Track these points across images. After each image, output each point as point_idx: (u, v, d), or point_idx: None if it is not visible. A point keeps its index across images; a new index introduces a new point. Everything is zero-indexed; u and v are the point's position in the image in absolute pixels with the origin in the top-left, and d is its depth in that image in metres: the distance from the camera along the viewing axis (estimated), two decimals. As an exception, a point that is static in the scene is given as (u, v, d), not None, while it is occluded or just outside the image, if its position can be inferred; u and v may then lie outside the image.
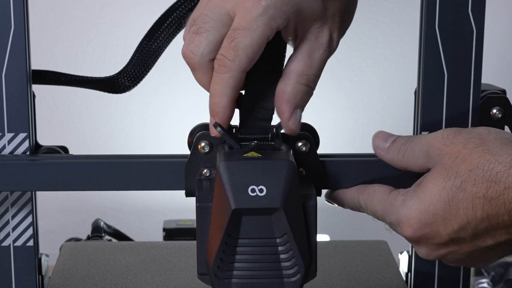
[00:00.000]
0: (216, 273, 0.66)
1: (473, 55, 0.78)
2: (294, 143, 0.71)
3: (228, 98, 0.68)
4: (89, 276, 0.87)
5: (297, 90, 0.69)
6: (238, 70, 0.67)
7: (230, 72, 0.67)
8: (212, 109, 0.69)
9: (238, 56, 0.66)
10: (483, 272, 1.23)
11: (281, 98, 0.69)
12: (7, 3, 0.77)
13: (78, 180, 0.75)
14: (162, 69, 1.46)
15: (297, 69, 0.69)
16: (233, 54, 0.66)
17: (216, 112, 0.69)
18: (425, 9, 0.78)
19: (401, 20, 1.50)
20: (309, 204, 0.67)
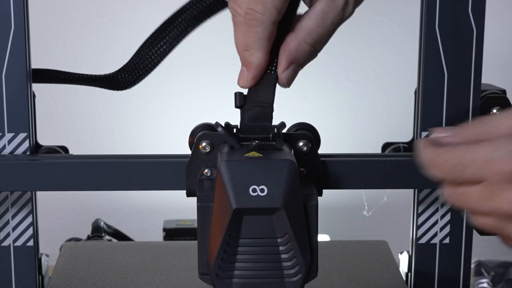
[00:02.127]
0: (217, 273, 0.66)
1: (473, 55, 0.78)
2: (295, 143, 0.71)
3: (263, 49, 0.69)
4: (89, 276, 0.87)
5: (300, 47, 0.69)
6: (269, 22, 0.68)
7: (262, 25, 0.68)
8: (247, 60, 0.70)
9: (267, 8, 0.67)
10: (483, 272, 1.23)
11: (282, 49, 0.69)
12: (7, 3, 0.77)
13: (78, 180, 0.75)
14: (162, 69, 1.46)
15: (307, 26, 0.69)
16: (262, 7, 0.67)
17: (251, 62, 0.69)
18: (425, 9, 0.78)
19: (401, 20, 1.50)
20: (310, 204, 0.67)
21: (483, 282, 1.23)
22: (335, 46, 1.48)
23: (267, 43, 0.69)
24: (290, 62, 0.70)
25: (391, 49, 1.50)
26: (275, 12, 0.68)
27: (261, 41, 0.69)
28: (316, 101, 1.52)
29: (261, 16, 0.68)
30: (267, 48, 0.69)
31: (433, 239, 0.83)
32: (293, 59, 0.69)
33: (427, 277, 0.84)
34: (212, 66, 1.46)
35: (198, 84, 1.48)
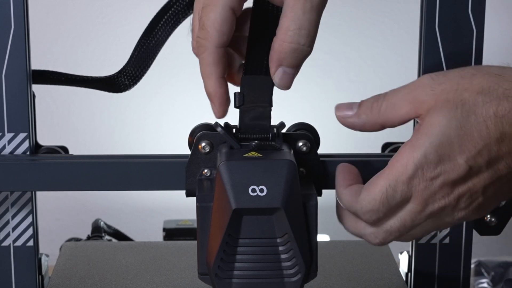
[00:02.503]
0: (216, 273, 0.66)
1: (473, 55, 0.78)
2: (295, 143, 0.71)
3: (214, 76, 0.69)
4: (89, 276, 0.87)
5: (281, 47, 0.68)
6: (213, 46, 0.68)
7: (206, 50, 0.68)
8: (206, 92, 0.70)
9: (208, 33, 0.68)
10: (483, 272, 1.23)
11: (270, 53, 0.69)
12: (7, 3, 0.77)
13: (78, 180, 0.75)
14: (162, 69, 1.46)
15: (282, 25, 0.68)
16: (204, 33, 0.68)
17: (209, 93, 0.70)
18: (425, 9, 0.78)
19: (401, 20, 1.50)
20: (310, 204, 0.67)
21: (483, 282, 1.23)
22: (335, 46, 1.48)
23: (216, 68, 0.69)
24: (277, 64, 0.69)
25: (391, 49, 1.50)
26: (216, 35, 0.67)
27: (209, 68, 0.69)
28: (316, 101, 1.52)
29: (204, 42, 0.68)
30: (218, 73, 0.69)
31: (433, 239, 0.83)
32: (279, 60, 0.69)
33: (427, 277, 0.84)
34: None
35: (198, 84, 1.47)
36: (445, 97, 0.64)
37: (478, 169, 0.64)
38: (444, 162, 0.64)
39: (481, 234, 0.84)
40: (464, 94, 0.64)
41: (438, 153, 0.64)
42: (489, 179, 0.65)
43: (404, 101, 0.66)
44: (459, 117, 0.64)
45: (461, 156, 0.64)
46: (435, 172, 0.64)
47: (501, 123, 0.64)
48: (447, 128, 0.64)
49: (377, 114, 0.67)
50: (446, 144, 0.64)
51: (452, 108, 0.64)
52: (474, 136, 0.64)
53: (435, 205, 0.66)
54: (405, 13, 1.49)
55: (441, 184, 0.65)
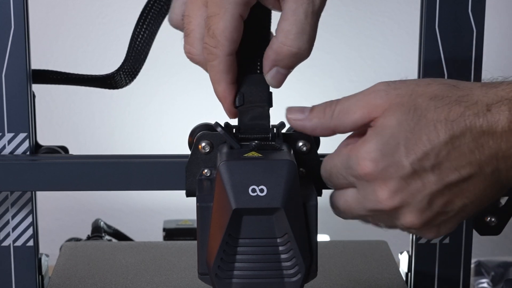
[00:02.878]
0: (216, 273, 0.66)
1: (473, 55, 0.79)
2: (295, 143, 0.71)
3: (225, 82, 0.70)
4: (89, 276, 0.87)
5: (280, 49, 0.69)
6: (224, 55, 0.68)
7: (217, 59, 0.68)
8: (216, 95, 0.71)
9: (219, 41, 0.68)
10: (483, 272, 1.23)
11: (266, 52, 0.70)
12: (7, 3, 0.77)
13: (78, 180, 0.75)
14: (162, 69, 1.46)
15: (283, 28, 0.68)
16: (214, 41, 0.68)
17: (219, 98, 0.71)
18: (425, 9, 0.78)
19: (401, 20, 1.50)
20: (310, 204, 0.67)
21: (483, 282, 1.22)
22: (335, 46, 1.48)
23: (227, 75, 0.69)
24: (271, 65, 0.70)
25: (391, 49, 1.50)
26: (227, 44, 0.68)
27: (219, 74, 0.69)
28: (316, 101, 1.51)
29: (215, 50, 0.68)
30: (229, 80, 0.69)
31: (433, 239, 0.83)
32: (275, 61, 0.69)
33: (427, 277, 0.84)
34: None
35: (198, 84, 1.47)
36: (399, 101, 0.65)
37: (423, 172, 0.64)
38: (387, 162, 0.64)
39: (481, 234, 0.84)
40: (418, 99, 0.65)
41: (382, 152, 0.64)
42: (435, 185, 0.64)
43: (358, 106, 0.67)
44: (410, 120, 0.64)
45: (406, 158, 0.64)
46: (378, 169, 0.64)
47: (451, 127, 0.64)
48: (397, 130, 0.64)
49: (330, 118, 0.68)
50: (392, 145, 0.64)
51: (405, 111, 0.64)
52: (422, 140, 0.64)
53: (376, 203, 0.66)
54: (405, 13, 1.49)
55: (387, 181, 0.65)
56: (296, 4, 0.68)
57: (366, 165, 0.65)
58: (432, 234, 0.67)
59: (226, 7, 0.67)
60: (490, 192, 0.66)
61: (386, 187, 0.65)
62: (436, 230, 0.67)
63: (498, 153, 0.64)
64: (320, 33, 0.71)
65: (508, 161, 0.64)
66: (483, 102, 0.64)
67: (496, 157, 0.64)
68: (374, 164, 0.64)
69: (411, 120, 0.64)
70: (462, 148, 0.64)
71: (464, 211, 0.66)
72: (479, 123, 0.64)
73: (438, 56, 0.78)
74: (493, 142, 0.64)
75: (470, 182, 0.65)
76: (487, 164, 0.64)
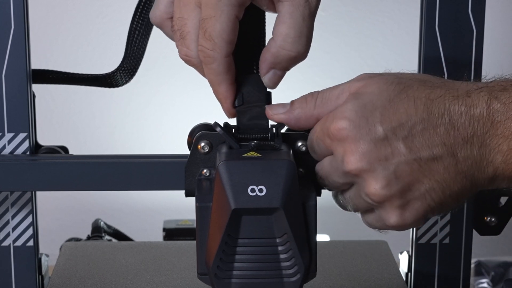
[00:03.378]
0: (216, 273, 0.66)
1: (473, 55, 0.79)
2: (294, 143, 0.71)
3: (225, 83, 0.70)
4: (89, 276, 0.87)
5: (278, 53, 0.69)
6: (221, 57, 0.68)
7: (215, 61, 0.68)
8: (216, 96, 0.71)
9: (216, 44, 0.67)
10: (483, 272, 1.23)
11: (262, 54, 0.70)
12: (7, 3, 0.77)
13: (78, 180, 0.75)
14: (162, 69, 1.46)
15: (281, 32, 0.68)
16: (211, 44, 0.67)
17: (220, 99, 0.71)
18: (425, 9, 0.78)
19: (401, 20, 1.50)
20: (309, 204, 0.67)
21: (483, 282, 1.22)
22: (335, 46, 1.48)
23: (227, 76, 0.69)
24: (269, 68, 0.70)
25: (391, 49, 1.50)
26: (225, 45, 0.68)
27: (219, 76, 0.69)
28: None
29: (212, 53, 0.68)
30: (229, 80, 0.70)
31: (433, 239, 0.83)
32: (272, 64, 0.70)
33: (427, 277, 0.84)
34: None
35: (198, 84, 1.47)
36: (383, 77, 0.66)
37: (394, 140, 0.64)
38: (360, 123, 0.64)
39: (481, 234, 0.84)
40: (402, 78, 0.66)
41: (357, 113, 0.65)
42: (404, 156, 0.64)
43: (341, 91, 0.67)
44: (391, 91, 0.65)
45: (380, 124, 0.64)
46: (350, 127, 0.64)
47: (431, 105, 0.64)
48: (376, 97, 0.65)
49: (313, 106, 0.68)
50: (369, 109, 0.64)
51: (387, 82, 0.65)
52: (400, 111, 0.64)
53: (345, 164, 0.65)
54: (405, 13, 1.49)
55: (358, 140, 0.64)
56: (293, 6, 0.68)
57: (340, 122, 0.65)
58: (395, 216, 0.66)
59: (222, 9, 0.67)
60: (460, 182, 0.65)
61: (355, 148, 0.65)
62: (399, 212, 0.66)
63: (473, 138, 0.64)
64: (320, 33, 0.71)
65: (482, 148, 0.64)
66: (463, 89, 0.65)
67: (471, 142, 0.64)
68: (348, 122, 0.65)
69: (392, 91, 0.65)
70: (438, 128, 0.64)
71: (431, 196, 0.65)
72: (458, 106, 0.64)
73: (438, 56, 0.78)
74: (469, 125, 0.64)
75: (440, 163, 0.64)
76: (461, 147, 0.64)
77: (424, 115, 0.64)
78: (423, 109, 0.64)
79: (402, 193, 0.65)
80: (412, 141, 0.64)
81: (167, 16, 0.71)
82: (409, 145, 0.64)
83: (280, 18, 0.69)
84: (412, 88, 0.65)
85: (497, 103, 0.63)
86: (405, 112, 0.64)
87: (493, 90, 0.64)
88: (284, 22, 0.68)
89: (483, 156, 0.64)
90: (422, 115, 0.64)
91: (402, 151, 0.64)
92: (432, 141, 0.64)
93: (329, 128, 0.66)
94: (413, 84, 0.65)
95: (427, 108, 0.64)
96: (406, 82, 0.65)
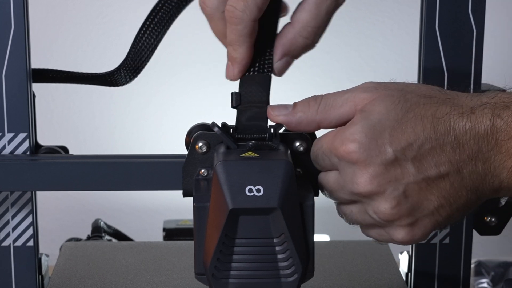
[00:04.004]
0: (213, 273, 0.66)
1: (473, 55, 0.78)
2: (292, 143, 0.71)
3: (245, 45, 0.69)
4: (89, 276, 0.87)
5: (295, 40, 0.69)
6: (249, 20, 0.68)
7: (242, 23, 0.68)
8: (231, 55, 0.70)
9: (248, 6, 0.67)
10: (483, 272, 1.23)
11: (278, 41, 0.70)
12: (7, 3, 0.77)
13: (78, 180, 0.75)
14: (162, 69, 1.46)
15: (302, 19, 0.69)
16: (243, 5, 0.67)
17: (235, 58, 0.70)
18: (425, 9, 0.78)
19: (401, 20, 1.50)
20: (307, 204, 0.67)
21: (483, 282, 1.22)
22: (335, 46, 1.48)
23: (249, 39, 0.69)
24: (284, 54, 0.70)
25: (391, 49, 1.50)
26: (256, 10, 0.67)
27: (242, 38, 0.69)
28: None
29: (241, 14, 0.67)
30: (250, 43, 0.69)
31: (433, 239, 0.83)
32: (287, 51, 0.70)
33: (427, 277, 0.84)
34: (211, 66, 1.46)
35: (198, 84, 1.47)
36: (389, 93, 0.66)
37: (403, 161, 0.65)
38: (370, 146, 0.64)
39: (481, 234, 0.84)
40: (408, 95, 0.66)
41: (367, 135, 0.65)
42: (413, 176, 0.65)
43: (344, 100, 0.67)
44: (398, 111, 0.65)
45: (390, 145, 0.64)
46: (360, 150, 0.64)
47: (437, 123, 0.65)
48: (384, 117, 0.65)
49: (315, 111, 0.68)
50: (378, 130, 0.65)
51: (394, 101, 0.65)
52: (408, 131, 0.65)
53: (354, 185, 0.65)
54: (405, 13, 1.49)
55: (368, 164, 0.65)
56: None
57: (350, 145, 0.65)
58: (404, 234, 0.66)
59: None
60: (465, 196, 0.66)
61: (366, 171, 0.65)
62: (408, 230, 0.66)
63: (478, 155, 0.64)
64: (320, 32, 0.71)
65: (486, 164, 0.65)
66: (467, 105, 0.65)
67: (476, 158, 0.65)
68: (358, 146, 0.65)
69: (400, 110, 0.65)
70: (444, 146, 0.64)
71: (439, 213, 0.66)
72: (462, 123, 0.64)
73: (438, 56, 0.78)
74: (474, 142, 0.64)
75: (447, 180, 0.65)
76: (466, 164, 0.65)
77: (431, 133, 0.64)
78: (430, 127, 0.64)
79: (411, 211, 0.66)
80: (420, 161, 0.65)
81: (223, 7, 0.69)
82: (418, 165, 0.65)
83: (305, 6, 0.69)
84: (419, 106, 0.65)
85: (500, 121, 0.64)
86: (413, 131, 0.64)
87: (496, 107, 0.64)
88: (309, 11, 0.69)
89: (488, 171, 0.65)
90: (430, 134, 0.64)
91: (411, 171, 0.65)
92: (439, 160, 0.65)
93: (338, 149, 0.66)
94: (419, 101, 0.65)
95: (434, 127, 0.64)
96: (412, 99, 0.65)
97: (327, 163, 0.68)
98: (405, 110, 0.65)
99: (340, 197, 0.68)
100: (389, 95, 0.66)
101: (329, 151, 0.67)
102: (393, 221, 0.66)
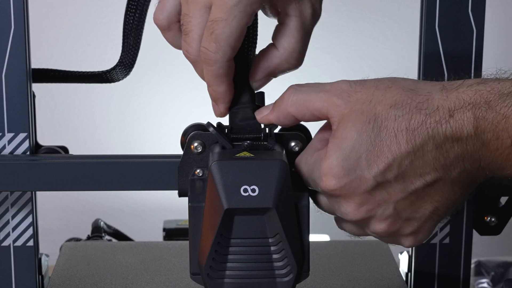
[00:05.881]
0: (208, 273, 0.66)
1: (473, 55, 0.79)
2: (287, 143, 0.71)
3: (224, 84, 0.69)
4: (89, 276, 0.87)
5: (281, 66, 0.70)
6: (223, 61, 0.68)
7: (216, 64, 0.68)
8: (212, 96, 0.70)
9: (221, 47, 0.67)
10: (483, 272, 1.23)
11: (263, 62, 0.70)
12: (7, 3, 0.77)
13: (78, 180, 0.75)
14: (162, 69, 1.46)
15: (288, 46, 0.69)
16: (215, 47, 0.67)
17: (217, 98, 0.70)
18: (425, 9, 0.78)
19: (401, 20, 1.50)
20: (302, 204, 0.67)
21: (483, 282, 1.22)
22: (335, 46, 1.48)
23: (227, 78, 0.69)
24: (266, 75, 0.70)
25: (391, 49, 1.50)
26: (229, 50, 0.67)
27: (219, 78, 0.69)
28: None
29: (214, 56, 0.67)
30: (228, 81, 0.69)
31: (433, 239, 0.83)
32: (271, 73, 0.70)
33: (427, 277, 0.84)
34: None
35: (198, 84, 1.47)
36: (359, 108, 0.64)
37: (386, 183, 0.64)
38: (349, 178, 0.64)
39: (481, 234, 0.84)
40: (378, 107, 0.64)
41: (344, 168, 0.64)
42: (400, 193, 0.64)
43: (318, 97, 0.66)
44: (370, 132, 0.64)
45: (368, 172, 0.64)
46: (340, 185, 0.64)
47: (413, 136, 0.63)
48: (357, 143, 0.64)
49: (288, 103, 0.68)
50: (354, 159, 0.64)
51: (365, 122, 0.64)
52: (383, 152, 0.64)
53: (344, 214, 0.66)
54: (405, 13, 1.49)
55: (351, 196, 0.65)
56: (300, 22, 0.68)
57: (329, 182, 0.65)
58: (409, 241, 0.67)
59: (235, 14, 0.66)
60: (459, 191, 0.65)
61: (351, 201, 0.65)
62: (413, 237, 0.67)
63: (465, 155, 0.64)
64: (320, 33, 0.71)
65: (476, 163, 0.64)
66: (444, 107, 0.63)
67: (463, 159, 0.64)
68: (337, 181, 0.64)
69: (372, 131, 0.64)
70: (425, 156, 0.63)
71: (437, 214, 0.66)
72: (442, 130, 0.63)
73: (438, 56, 0.78)
74: (459, 146, 0.63)
75: (436, 186, 0.64)
76: (454, 167, 0.64)
77: (408, 148, 0.63)
78: (406, 142, 0.63)
79: (409, 222, 0.66)
80: (403, 178, 0.64)
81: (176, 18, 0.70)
82: (402, 182, 0.64)
83: (287, 32, 0.69)
84: (390, 119, 0.64)
85: (485, 122, 0.63)
86: (389, 151, 0.63)
87: (477, 108, 0.63)
88: (293, 37, 0.69)
89: (478, 166, 0.64)
90: (406, 149, 0.63)
91: (397, 190, 0.64)
92: (423, 171, 0.64)
93: (318, 184, 0.66)
94: (390, 115, 0.64)
95: (409, 141, 0.63)
96: (383, 114, 0.64)
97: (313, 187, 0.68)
98: (377, 129, 0.64)
99: (337, 215, 0.68)
100: (359, 111, 0.64)
101: (311, 182, 0.67)
102: (394, 233, 0.66)
